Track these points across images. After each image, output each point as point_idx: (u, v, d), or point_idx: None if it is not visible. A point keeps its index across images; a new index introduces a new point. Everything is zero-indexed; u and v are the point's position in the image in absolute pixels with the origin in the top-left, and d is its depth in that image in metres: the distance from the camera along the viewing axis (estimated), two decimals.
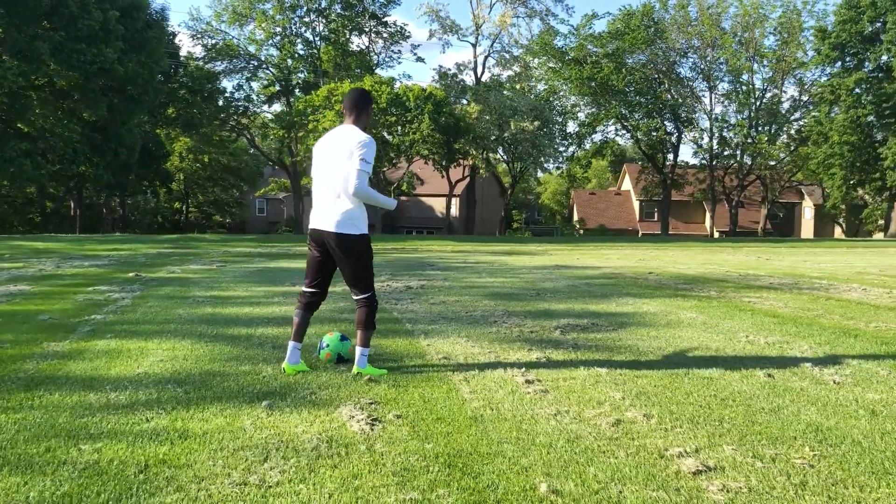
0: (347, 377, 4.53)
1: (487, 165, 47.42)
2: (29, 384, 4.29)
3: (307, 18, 49.05)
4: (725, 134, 50.99)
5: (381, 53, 52.06)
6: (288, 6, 47.57)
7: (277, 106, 52.19)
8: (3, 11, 25.70)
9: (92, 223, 49.48)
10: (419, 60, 59.99)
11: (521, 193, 75.67)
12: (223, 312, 7.22)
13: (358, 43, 51.27)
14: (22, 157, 27.87)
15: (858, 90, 43.37)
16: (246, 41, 49.67)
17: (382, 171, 42.93)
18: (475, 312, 7.31)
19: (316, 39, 50.12)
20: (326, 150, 4.65)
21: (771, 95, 50.29)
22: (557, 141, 49.45)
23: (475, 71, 48.58)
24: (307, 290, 4.84)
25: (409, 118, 38.61)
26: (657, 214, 61.29)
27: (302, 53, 50.54)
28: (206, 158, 56.09)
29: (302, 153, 47.20)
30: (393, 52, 51.72)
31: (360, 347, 4.66)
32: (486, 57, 48.65)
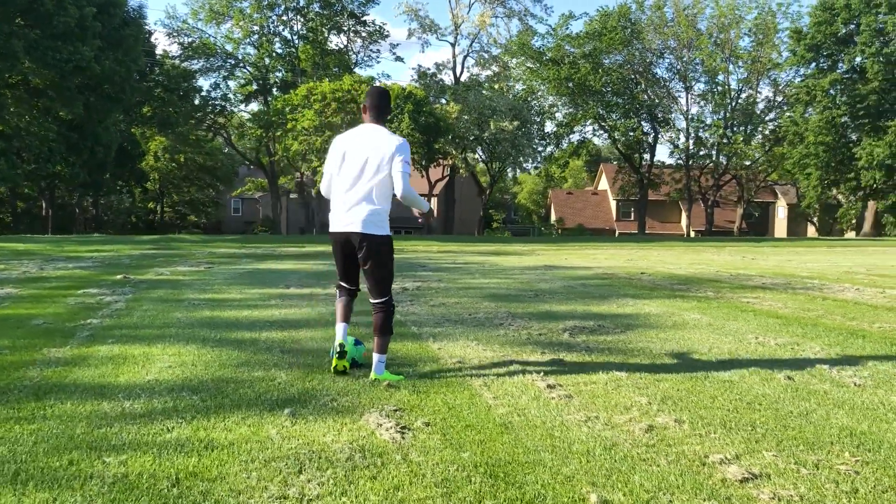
0: (366, 383, 4.45)
1: (466, 165, 47.39)
2: (37, 392, 4.16)
3: (285, 17, 48.74)
4: (701, 134, 51.42)
5: (359, 52, 51.91)
6: (266, 4, 47.20)
7: (255, 105, 51.80)
8: None
9: (64, 223, 48.73)
10: (398, 60, 59.94)
11: (497, 193, 75.71)
12: (222, 316, 7.08)
13: (336, 42, 51.10)
14: None
15: (833, 91, 43.92)
16: (223, 39, 49.25)
17: None
18: (478, 315, 7.25)
19: (294, 38, 49.82)
20: (356, 150, 4.54)
21: (746, 96, 50.77)
22: (536, 141, 49.62)
23: (454, 70, 48.55)
24: (347, 286, 4.83)
25: (388, 118, 38.39)
26: (633, 214, 61.66)
27: (280, 52, 50.22)
28: (181, 158, 55.47)
29: (280, 153, 46.81)
30: (372, 51, 51.63)
31: (377, 354, 4.59)
32: (465, 56, 48.66)
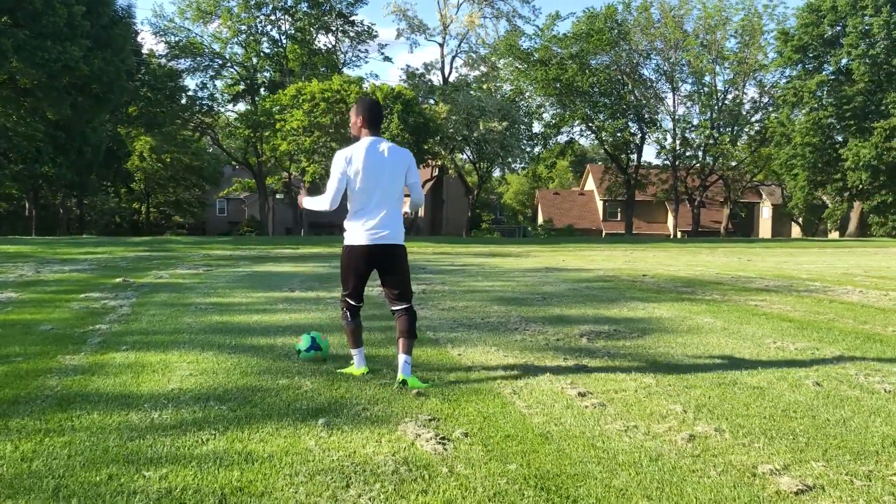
0: (394, 391, 4.39)
1: (455, 166, 47.33)
2: (61, 403, 4.07)
3: (273, 16, 48.44)
4: (688, 135, 51.63)
5: (347, 53, 51.70)
6: (253, 4, 46.89)
7: (242, 105, 51.51)
8: None
9: (48, 224, 48.25)
10: (386, 60, 59.67)
11: (483, 193, 75.75)
12: (233, 321, 7.00)
13: (324, 42, 50.89)
14: None
15: (820, 92, 44.26)
16: (210, 39, 48.91)
17: None
18: (490, 319, 7.20)
19: (282, 38, 49.56)
20: (376, 164, 4.63)
21: (733, 97, 51.08)
22: (524, 142, 49.66)
23: (442, 71, 48.46)
24: (357, 304, 4.95)
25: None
26: (620, 214, 61.86)
27: (267, 52, 49.96)
28: (167, 158, 55.08)
29: (268, 153, 46.56)
30: (360, 51, 51.42)
31: (405, 355, 4.62)
32: (453, 57, 48.59)
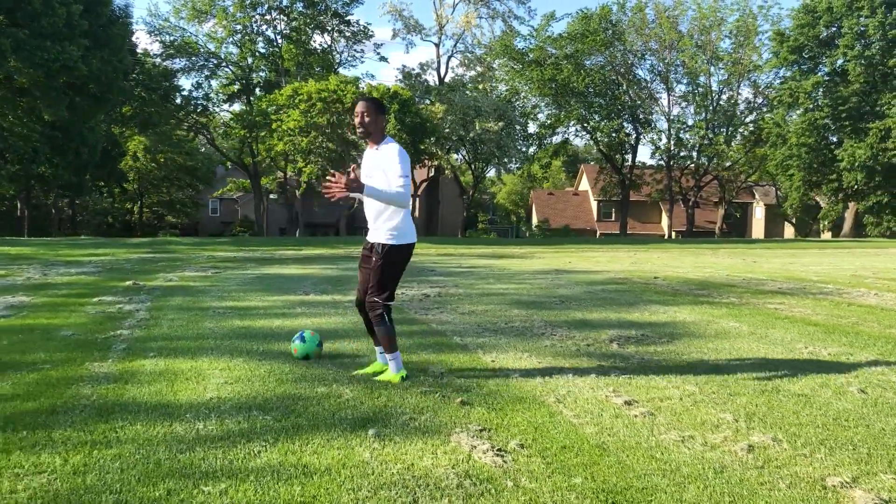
0: (437, 398, 4.32)
1: (451, 166, 47.25)
2: (101, 413, 3.99)
3: (268, 16, 48.25)
4: (682, 135, 51.70)
5: (343, 52, 51.57)
6: (249, 3, 46.69)
7: (237, 105, 51.25)
8: None
9: (40, 224, 47.99)
10: (382, 60, 59.47)
11: (476, 193, 75.60)
12: (255, 326, 6.92)
13: (320, 42, 50.72)
14: None
15: (815, 93, 44.35)
16: (205, 38, 48.69)
17: (348, 172, 42.35)
18: (514, 323, 7.14)
19: (277, 38, 49.37)
20: None
21: (727, 97, 51.19)
22: (520, 142, 49.65)
23: (438, 71, 48.44)
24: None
25: None
26: (614, 214, 61.91)
27: (263, 52, 49.77)
28: (161, 158, 54.82)
29: (263, 153, 46.38)
30: (356, 51, 51.27)
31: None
32: (449, 57, 48.58)
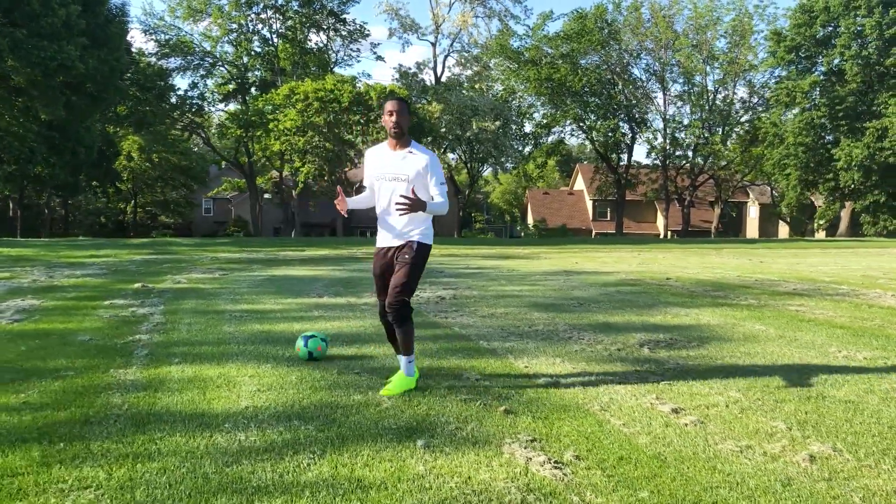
0: (478, 406, 4.22)
1: (448, 166, 47.12)
2: (136, 423, 3.87)
3: (264, 15, 48.03)
4: (678, 135, 51.73)
5: (339, 52, 51.36)
6: (244, 2, 46.45)
7: (233, 105, 50.99)
8: None
9: (30, 224, 47.71)
10: (379, 59, 59.33)
11: (471, 193, 75.43)
12: (275, 330, 6.79)
13: (316, 41, 50.49)
14: None
15: (812, 93, 44.41)
16: (201, 37, 48.45)
17: (345, 171, 42.33)
18: (537, 327, 7.03)
19: (273, 37, 49.17)
20: None
21: (723, 97, 51.22)
22: (517, 141, 49.62)
23: (435, 70, 48.35)
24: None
25: (372, 117, 38.10)
26: (610, 214, 61.94)
27: (258, 51, 49.55)
28: (156, 157, 54.52)
29: (259, 153, 46.16)
30: (352, 50, 51.09)
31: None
32: (445, 56, 48.52)
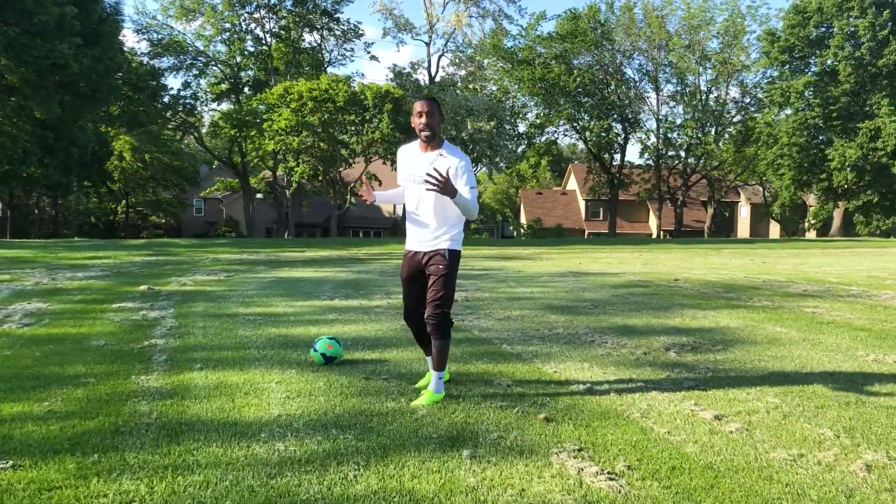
0: (515, 413, 4.13)
1: None
2: (168, 433, 3.76)
3: (257, 14, 47.86)
4: (671, 135, 51.78)
5: (333, 51, 51.22)
6: (237, 1, 46.29)
7: (226, 104, 50.75)
8: None
9: (19, 224, 47.36)
10: (373, 59, 59.08)
11: None
12: (292, 333, 6.69)
13: (309, 40, 50.32)
14: None
15: (806, 93, 44.54)
16: (193, 37, 48.22)
17: (339, 171, 42.20)
18: (557, 330, 6.95)
19: (266, 36, 49.01)
20: None
21: (716, 97, 51.35)
22: (511, 141, 49.59)
23: (429, 70, 48.23)
24: None
25: (367, 117, 37.95)
26: (602, 214, 61.93)
27: (252, 50, 49.35)
28: (148, 157, 54.20)
29: (252, 153, 45.94)
30: (346, 50, 50.93)
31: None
32: (439, 56, 48.37)
